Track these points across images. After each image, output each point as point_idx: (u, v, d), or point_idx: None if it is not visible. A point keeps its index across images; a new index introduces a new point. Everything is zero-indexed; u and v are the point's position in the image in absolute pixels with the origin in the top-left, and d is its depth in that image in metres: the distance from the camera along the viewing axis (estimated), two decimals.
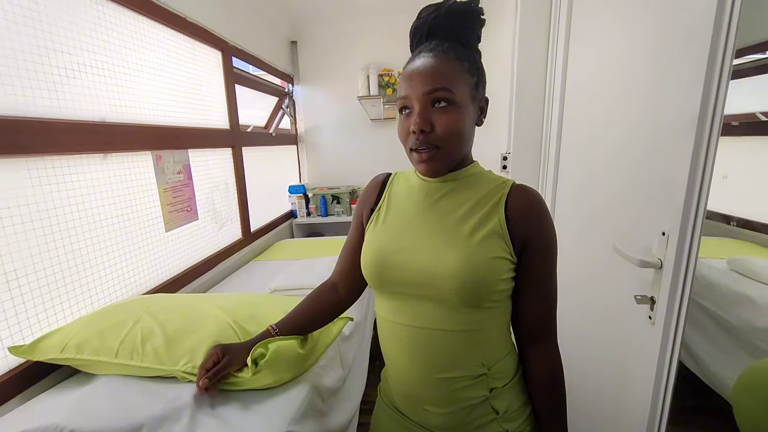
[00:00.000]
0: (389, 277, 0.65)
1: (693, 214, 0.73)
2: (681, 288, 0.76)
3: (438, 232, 0.64)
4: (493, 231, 0.61)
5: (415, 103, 0.61)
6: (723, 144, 0.74)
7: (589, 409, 1.17)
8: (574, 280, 1.30)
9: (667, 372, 0.80)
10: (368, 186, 0.79)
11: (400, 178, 0.76)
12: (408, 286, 0.64)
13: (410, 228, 0.66)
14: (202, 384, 0.74)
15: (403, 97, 0.62)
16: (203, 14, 1.63)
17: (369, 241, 0.70)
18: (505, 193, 0.64)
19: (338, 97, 2.87)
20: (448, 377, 0.63)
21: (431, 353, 0.64)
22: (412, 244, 0.64)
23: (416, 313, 0.64)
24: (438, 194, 0.67)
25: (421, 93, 0.60)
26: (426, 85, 0.59)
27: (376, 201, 0.74)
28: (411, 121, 0.61)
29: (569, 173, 1.33)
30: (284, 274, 1.60)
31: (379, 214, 0.72)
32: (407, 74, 0.62)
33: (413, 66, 0.62)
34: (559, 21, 1.33)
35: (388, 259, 0.65)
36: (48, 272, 0.97)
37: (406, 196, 0.71)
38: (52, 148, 0.97)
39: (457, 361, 0.63)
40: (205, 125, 1.70)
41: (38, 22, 0.95)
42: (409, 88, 0.61)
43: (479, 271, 0.59)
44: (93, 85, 1.11)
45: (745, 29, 0.67)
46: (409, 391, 0.68)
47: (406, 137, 0.63)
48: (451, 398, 0.64)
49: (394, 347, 0.68)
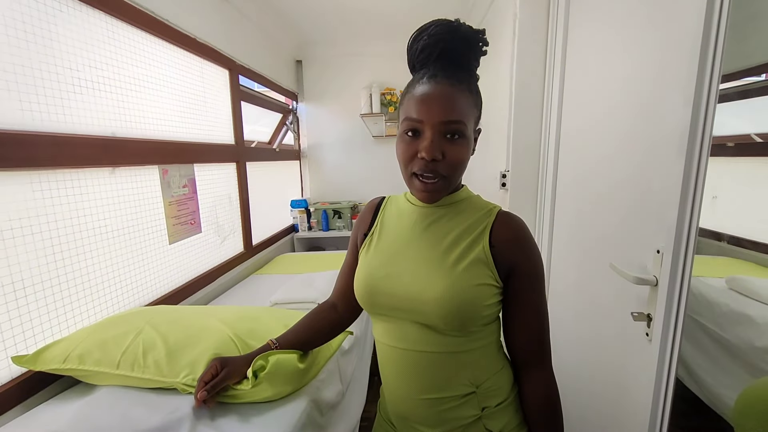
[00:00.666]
0: (379, 301, 0.67)
1: (686, 232, 0.75)
2: (676, 304, 0.77)
3: (426, 259, 0.65)
4: (478, 259, 0.62)
5: (428, 129, 0.60)
6: (718, 164, 0.77)
7: (588, 427, 1.16)
8: (572, 298, 1.31)
9: (665, 388, 0.80)
10: (364, 210, 0.81)
11: (392, 203, 0.77)
12: (397, 311, 0.65)
13: (400, 254, 0.68)
14: (200, 396, 0.74)
15: (415, 120, 0.61)
16: (212, 34, 1.69)
17: (361, 266, 0.72)
18: (490, 221, 0.65)
19: (341, 115, 2.94)
20: (436, 398, 0.64)
21: (420, 374, 0.65)
22: (400, 270, 0.66)
23: (405, 336, 0.65)
24: (428, 221, 0.69)
25: (438, 121, 0.59)
26: (443, 114, 0.59)
27: (369, 225, 0.76)
28: (419, 146, 0.60)
29: (567, 191, 1.35)
30: (285, 287, 1.61)
31: (371, 239, 0.73)
32: (421, 98, 0.60)
33: (429, 91, 0.60)
34: (556, 42, 1.38)
35: (377, 284, 0.67)
36: (54, 282, 0.98)
37: (397, 221, 0.72)
38: (63, 162, 1.00)
39: (444, 381, 0.64)
40: (211, 140, 1.74)
41: (52, 41, 0.99)
42: (425, 113, 0.60)
43: (464, 298, 0.60)
44: (104, 101, 1.15)
45: (740, 53, 0.70)
46: (400, 411, 0.70)
47: (410, 160, 0.62)
48: (440, 418, 0.65)
49: (387, 367, 0.70)
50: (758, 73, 1.38)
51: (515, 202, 1.52)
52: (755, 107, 1.48)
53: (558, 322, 1.44)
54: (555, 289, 1.46)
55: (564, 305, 1.38)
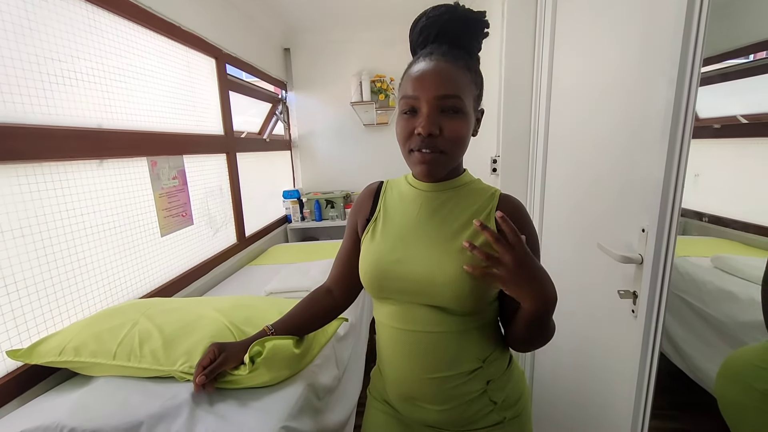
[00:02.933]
0: (389, 286, 0.67)
1: (669, 211, 0.76)
2: (660, 281, 0.80)
3: (436, 242, 0.65)
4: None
5: (424, 105, 0.60)
6: (704, 145, 0.78)
7: (576, 400, 1.20)
8: (560, 277, 1.33)
9: (650, 361, 0.83)
10: (361, 195, 0.79)
11: (392, 187, 0.76)
12: (407, 294, 0.66)
13: (408, 238, 0.68)
14: (198, 381, 0.75)
15: (411, 96, 0.61)
16: (197, 22, 1.65)
17: (367, 252, 0.71)
18: (494, 205, 0.67)
19: (331, 103, 2.91)
20: (445, 376, 0.66)
21: (429, 354, 0.66)
22: (411, 254, 0.66)
23: (415, 318, 0.66)
24: (433, 205, 0.69)
25: (432, 96, 0.59)
26: (439, 89, 0.59)
27: (371, 211, 0.75)
28: (416, 123, 0.61)
29: (556, 174, 1.37)
30: (280, 277, 1.62)
31: (375, 225, 0.72)
32: (417, 75, 0.61)
33: (424, 67, 0.61)
34: (545, 27, 1.38)
35: (387, 269, 0.66)
36: (45, 277, 0.98)
37: (400, 206, 0.72)
38: (49, 155, 0.98)
39: (455, 359, 0.66)
40: (200, 131, 1.72)
41: (34, 31, 0.97)
42: (420, 89, 0.60)
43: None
44: (89, 93, 1.13)
45: (724, 35, 0.71)
46: (406, 392, 0.70)
47: (408, 138, 0.63)
48: (449, 395, 0.66)
49: (392, 350, 0.70)
50: (746, 54, 1.40)
51: (506, 186, 1.54)
52: (741, 89, 1.50)
53: None
54: (545, 268, 1.49)
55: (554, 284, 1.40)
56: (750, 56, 1.39)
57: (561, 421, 1.32)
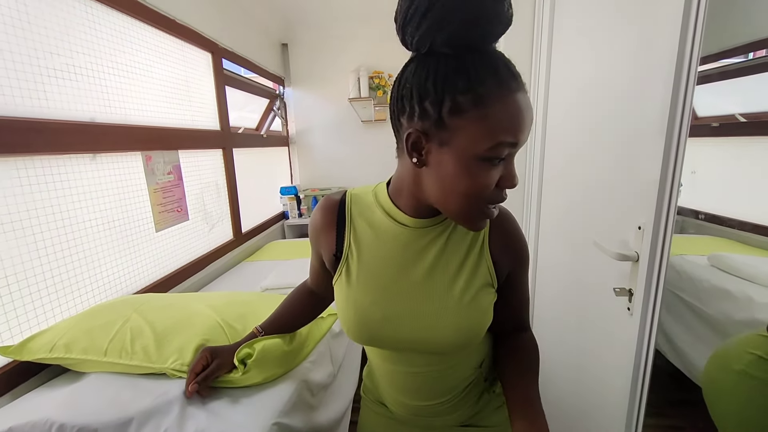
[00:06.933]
0: (378, 342, 0.61)
1: (666, 209, 0.76)
2: (656, 279, 0.79)
3: (429, 294, 0.57)
4: (484, 282, 0.58)
5: (513, 151, 0.48)
6: (701, 144, 0.77)
7: (571, 396, 1.20)
8: (558, 275, 1.33)
9: (645, 359, 0.83)
10: (318, 218, 0.63)
11: (359, 209, 0.61)
12: (399, 350, 0.61)
13: (393, 289, 0.58)
14: (191, 389, 0.74)
15: (512, 144, 0.46)
16: (193, 16, 1.63)
17: (346, 302, 0.60)
18: (486, 231, 0.59)
19: (329, 99, 2.89)
20: (443, 400, 0.66)
21: (427, 388, 0.65)
22: (400, 311, 0.57)
23: (410, 361, 0.62)
24: (419, 245, 0.58)
25: (524, 142, 0.48)
26: (528, 131, 0.48)
27: (337, 244, 0.61)
28: (505, 172, 0.49)
29: (553, 171, 1.36)
30: (276, 273, 1.61)
31: (348, 266, 0.60)
32: (517, 114, 0.45)
33: (518, 101, 0.45)
34: (542, 27, 1.37)
35: (374, 327, 0.59)
36: (37, 272, 0.97)
37: (375, 242, 0.59)
38: (40, 148, 0.97)
39: (452, 384, 0.65)
40: (196, 126, 1.71)
41: (26, 23, 0.95)
42: (520, 134, 0.46)
43: (475, 330, 0.58)
44: (82, 86, 1.11)
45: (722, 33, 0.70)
46: (407, 412, 0.70)
47: (487, 190, 0.48)
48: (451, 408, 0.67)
49: (385, 381, 0.69)
50: (745, 53, 1.39)
51: None
52: (740, 87, 1.49)
53: (544, 298, 1.47)
54: (542, 266, 1.48)
55: (550, 282, 1.40)
56: (749, 54, 1.39)
57: (555, 416, 1.32)
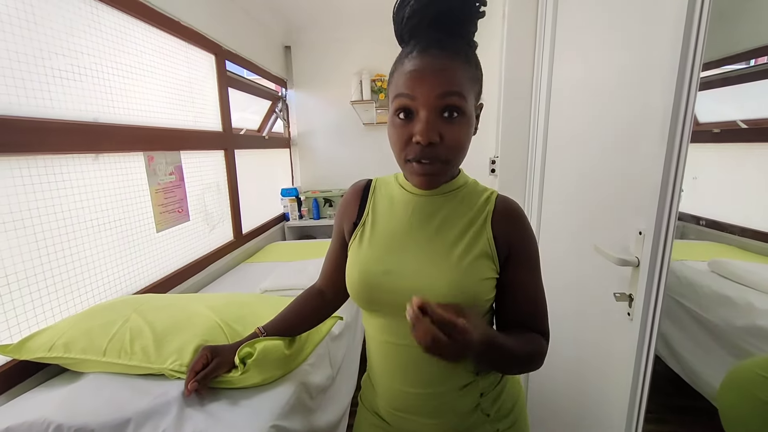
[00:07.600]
0: (377, 298, 0.63)
1: (666, 215, 0.76)
2: (657, 284, 0.79)
3: (428, 253, 0.61)
4: (483, 252, 0.60)
5: (422, 108, 0.53)
6: (703, 149, 0.78)
7: (571, 402, 1.20)
8: (558, 280, 1.33)
9: (644, 364, 0.83)
10: (347, 196, 0.72)
11: (381, 187, 0.70)
12: (397, 307, 0.60)
13: (398, 247, 0.63)
14: (191, 387, 0.74)
15: (407, 96, 0.53)
16: (197, 18, 1.64)
17: (354, 261, 0.66)
18: (490, 210, 0.62)
19: (331, 102, 2.90)
20: (438, 391, 0.64)
21: (420, 369, 0.63)
22: (401, 265, 0.61)
23: (406, 332, 0.61)
24: (426, 210, 0.64)
25: (433, 96, 0.52)
26: (439, 87, 0.52)
27: (358, 214, 0.69)
28: (413, 128, 0.54)
29: (554, 176, 1.36)
30: (275, 274, 1.61)
31: (363, 230, 0.67)
32: (414, 72, 0.53)
33: (422, 64, 0.52)
34: (545, 29, 1.37)
35: (376, 280, 0.62)
36: (37, 271, 0.97)
37: (390, 211, 0.66)
38: (44, 148, 0.97)
39: (447, 373, 0.63)
40: (198, 127, 1.71)
41: (33, 24, 0.96)
42: (418, 89, 0.52)
43: (469, 293, 0.58)
44: (86, 87, 1.12)
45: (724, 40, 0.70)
46: (397, 405, 0.68)
47: (404, 145, 0.56)
48: (441, 410, 0.65)
49: (382, 363, 0.68)
50: (746, 59, 1.40)
51: (504, 187, 1.53)
52: (742, 94, 1.49)
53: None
54: (542, 270, 1.48)
55: (551, 286, 1.39)
56: (751, 61, 1.39)
57: (555, 423, 1.31)
